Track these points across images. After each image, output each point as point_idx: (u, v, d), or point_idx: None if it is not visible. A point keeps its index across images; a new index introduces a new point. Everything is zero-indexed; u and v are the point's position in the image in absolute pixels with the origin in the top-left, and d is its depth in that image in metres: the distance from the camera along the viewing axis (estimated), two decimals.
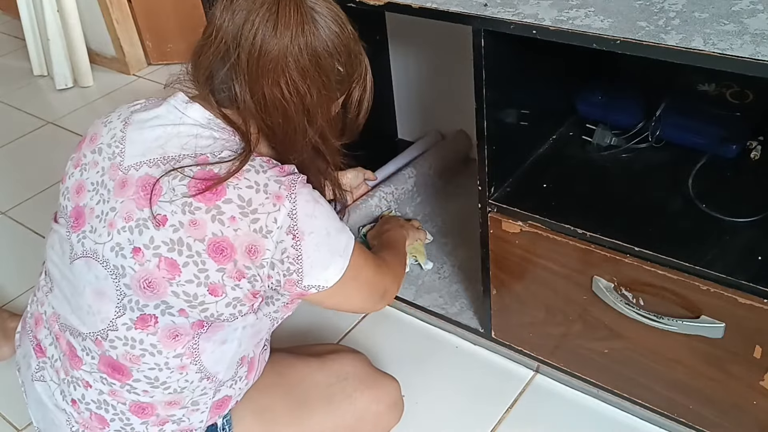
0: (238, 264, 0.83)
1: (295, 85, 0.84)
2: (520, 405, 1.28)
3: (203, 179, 0.82)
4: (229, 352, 0.93)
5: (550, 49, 0.96)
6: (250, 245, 0.83)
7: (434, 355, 1.39)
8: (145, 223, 0.83)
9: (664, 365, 1.08)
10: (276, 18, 0.82)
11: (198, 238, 0.82)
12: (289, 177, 0.87)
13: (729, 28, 0.84)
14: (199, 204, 0.82)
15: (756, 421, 1.03)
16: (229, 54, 0.84)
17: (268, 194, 0.84)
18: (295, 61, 0.83)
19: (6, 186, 2.12)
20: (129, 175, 0.86)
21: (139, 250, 0.83)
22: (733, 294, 0.94)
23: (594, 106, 1.26)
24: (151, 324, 0.86)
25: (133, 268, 0.84)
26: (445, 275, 1.46)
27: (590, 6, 0.94)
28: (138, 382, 0.90)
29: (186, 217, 0.82)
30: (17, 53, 2.98)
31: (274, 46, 0.82)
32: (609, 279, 1.06)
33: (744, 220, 1.03)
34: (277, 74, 0.83)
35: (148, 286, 0.84)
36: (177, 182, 0.83)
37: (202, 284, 0.83)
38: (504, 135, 1.11)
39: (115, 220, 0.85)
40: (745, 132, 1.15)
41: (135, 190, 0.84)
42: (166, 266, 0.83)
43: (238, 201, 0.83)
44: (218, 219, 0.82)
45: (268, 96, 0.84)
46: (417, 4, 1.02)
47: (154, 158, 0.85)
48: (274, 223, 0.84)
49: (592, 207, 1.10)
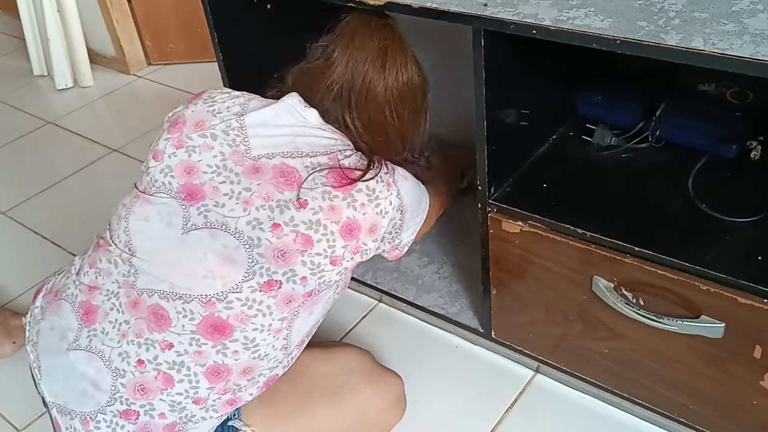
0: (360, 241, 1.01)
1: (396, 110, 1.07)
2: (520, 405, 1.28)
3: (342, 173, 0.99)
4: (311, 322, 1.07)
5: (550, 48, 0.96)
6: (372, 225, 1.01)
7: (434, 355, 1.39)
8: (286, 204, 0.97)
9: (664, 365, 1.08)
10: (384, 60, 1.05)
11: (334, 221, 0.98)
12: (389, 166, 1.06)
13: (729, 28, 0.84)
14: (337, 193, 0.98)
15: (756, 421, 1.03)
16: (341, 92, 1.05)
17: (383, 182, 1.03)
18: (398, 93, 1.07)
19: (6, 186, 2.12)
20: (261, 162, 0.99)
21: (279, 225, 0.97)
22: (733, 294, 0.94)
23: (594, 106, 1.26)
24: (275, 288, 0.98)
25: (270, 240, 0.97)
26: (445, 275, 1.46)
27: (590, 6, 0.94)
28: (234, 342, 0.98)
29: (326, 202, 0.97)
30: (17, 53, 2.98)
31: (381, 83, 1.05)
32: (609, 279, 1.06)
33: (744, 220, 1.03)
34: (383, 103, 1.06)
35: (282, 256, 0.97)
36: (317, 173, 0.99)
37: (327, 257, 0.99)
38: (504, 135, 1.11)
39: (251, 199, 0.98)
40: (745, 132, 1.15)
41: (273, 175, 0.98)
42: (301, 240, 0.97)
43: (366, 190, 1.00)
44: (352, 205, 0.99)
45: (374, 120, 1.06)
46: (417, 4, 1.02)
47: (288, 151, 1.00)
48: (389, 205, 1.03)
49: (592, 207, 1.10)
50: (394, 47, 1.07)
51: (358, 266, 1.22)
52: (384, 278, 1.48)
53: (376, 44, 1.05)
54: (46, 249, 1.83)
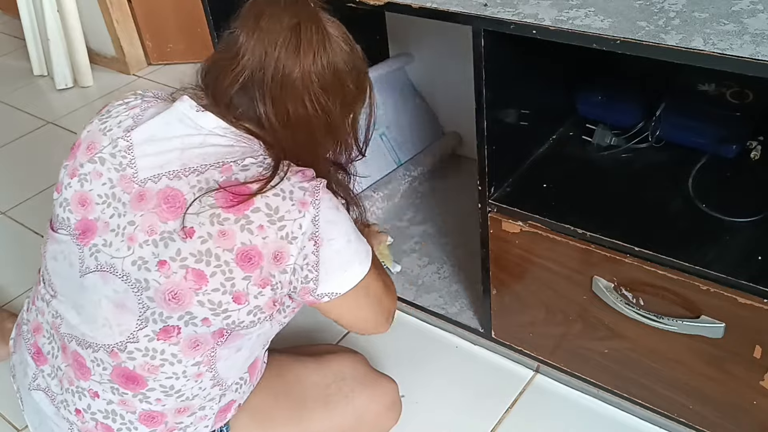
0: (264, 271, 0.85)
1: (319, 101, 0.89)
2: (520, 405, 1.28)
3: (232, 191, 0.84)
4: (241, 358, 0.95)
5: (550, 49, 0.96)
6: (276, 251, 0.85)
7: (434, 355, 1.39)
8: (170, 235, 0.84)
9: (664, 365, 1.08)
10: (298, 40, 0.87)
11: (227, 248, 0.84)
12: (312, 183, 0.89)
13: (729, 28, 0.84)
14: (228, 215, 0.83)
15: (756, 421, 1.03)
16: (252, 78, 0.87)
17: (294, 201, 0.86)
18: (318, 78, 0.88)
19: (6, 186, 2.12)
20: (147, 188, 0.86)
21: (165, 263, 0.84)
22: (733, 294, 0.94)
23: (594, 106, 1.26)
24: (173, 335, 0.87)
25: (158, 281, 0.85)
26: (445, 275, 1.46)
27: (590, 6, 0.94)
28: (152, 391, 0.91)
29: (215, 228, 0.83)
30: (17, 53, 2.98)
31: (296, 68, 0.87)
32: (609, 279, 1.06)
33: (744, 220, 1.03)
34: (301, 92, 0.88)
35: (174, 298, 0.85)
36: (204, 194, 0.84)
37: (227, 292, 0.85)
38: (504, 135, 1.11)
39: (135, 234, 0.85)
40: (745, 132, 1.15)
41: (156, 203, 0.85)
42: (193, 277, 0.84)
43: (266, 209, 0.85)
44: (247, 228, 0.84)
45: (292, 113, 0.89)
46: (417, 4, 1.02)
47: (174, 170, 0.86)
48: (299, 229, 0.86)
49: (592, 207, 1.10)
50: (309, 25, 0.88)
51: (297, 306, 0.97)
52: None
53: (286, 23, 0.87)
54: None
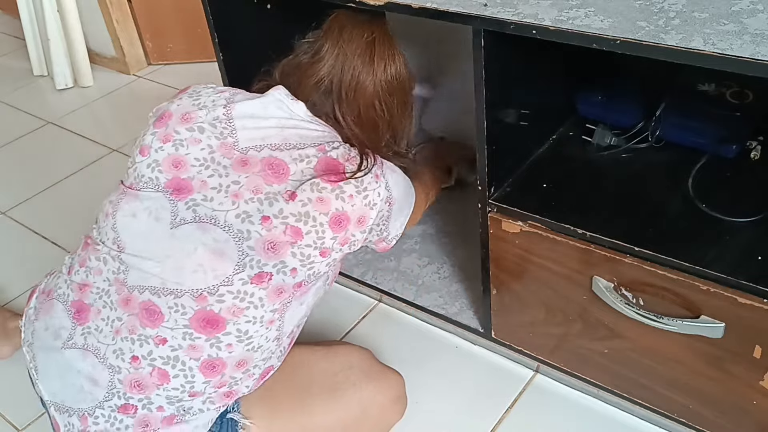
0: (348, 232, 1.01)
1: (386, 104, 1.08)
2: (520, 405, 1.28)
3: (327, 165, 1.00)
4: (299, 314, 1.07)
5: (550, 49, 0.96)
6: (361, 216, 1.01)
7: (434, 355, 1.39)
8: (275, 196, 0.97)
9: (664, 365, 1.09)
10: (372, 53, 1.05)
11: (323, 212, 0.98)
12: (378, 159, 1.07)
13: (729, 28, 0.84)
14: (326, 185, 0.98)
15: (756, 421, 1.03)
16: (332, 81, 1.06)
17: (372, 174, 1.03)
18: (387, 86, 1.07)
19: (6, 186, 2.12)
20: (249, 155, 0.99)
21: (268, 218, 0.97)
22: (733, 294, 0.94)
23: (594, 106, 1.26)
24: (265, 280, 0.98)
25: (259, 232, 0.96)
26: (445, 275, 1.46)
27: (590, 6, 0.94)
28: (227, 335, 0.98)
29: (314, 194, 0.98)
30: (17, 53, 2.98)
31: (369, 76, 1.06)
32: (609, 279, 1.06)
33: (744, 220, 1.03)
34: (372, 97, 1.07)
35: (272, 248, 0.97)
36: (305, 165, 0.99)
37: (317, 248, 0.99)
38: (504, 135, 1.11)
39: (240, 192, 0.97)
40: (745, 132, 1.15)
41: (261, 168, 0.98)
42: (291, 232, 0.97)
43: (354, 181, 1.01)
44: (341, 197, 0.99)
45: (363, 113, 1.07)
46: (417, 4, 1.02)
47: (276, 143, 1.00)
48: (378, 197, 1.03)
49: (592, 207, 1.10)
50: (382, 39, 1.07)
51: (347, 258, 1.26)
52: (384, 278, 1.48)
53: (365, 37, 1.06)
54: (46, 249, 1.83)
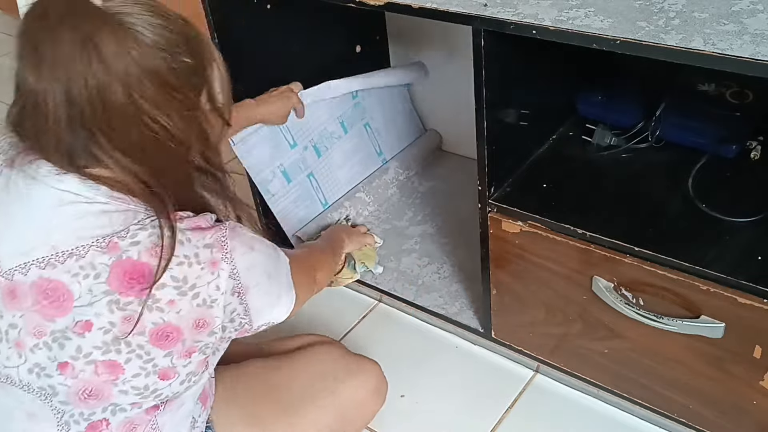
0: (188, 342, 0.77)
1: (155, 118, 0.73)
2: (520, 405, 1.28)
3: (125, 273, 0.72)
4: (187, 409, 0.87)
5: (550, 49, 0.96)
6: (197, 320, 0.76)
7: (434, 355, 1.39)
8: (64, 334, 0.73)
9: (664, 365, 1.08)
10: (99, 52, 0.69)
11: (137, 333, 0.74)
12: (216, 235, 0.77)
13: (729, 28, 0.84)
14: (129, 298, 0.72)
15: (756, 421, 1.03)
16: (69, 119, 0.71)
17: (202, 264, 0.75)
18: (141, 86, 0.71)
19: None
20: (15, 281, 0.73)
21: (66, 364, 0.74)
22: (733, 294, 0.94)
23: (594, 106, 1.26)
24: (103, 428, 0.78)
25: (65, 383, 0.75)
26: (445, 275, 1.46)
27: (590, 6, 0.94)
28: None
29: (116, 315, 0.73)
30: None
31: (114, 86, 0.70)
32: (609, 279, 1.06)
33: (744, 220, 1.03)
34: (131, 110, 0.72)
35: (90, 395, 0.76)
36: (92, 281, 0.72)
37: (150, 374, 0.77)
38: (504, 135, 1.11)
39: (22, 340, 0.74)
40: (745, 132, 1.15)
41: (34, 299, 0.73)
42: (105, 369, 0.74)
43: (173, 282, 0.74)
44: (156, 307, 0.74)
45: (135, 139, 0.73)
46: (417, 4, 1.02)
47: (44, 257, 0.73)
48: (217, 291, 0.77)
49: (592, 207, 1.10)
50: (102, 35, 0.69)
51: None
52: (384, 278, 1.48)
53: (70, 36, 0.69)
54: None
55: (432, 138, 1.81)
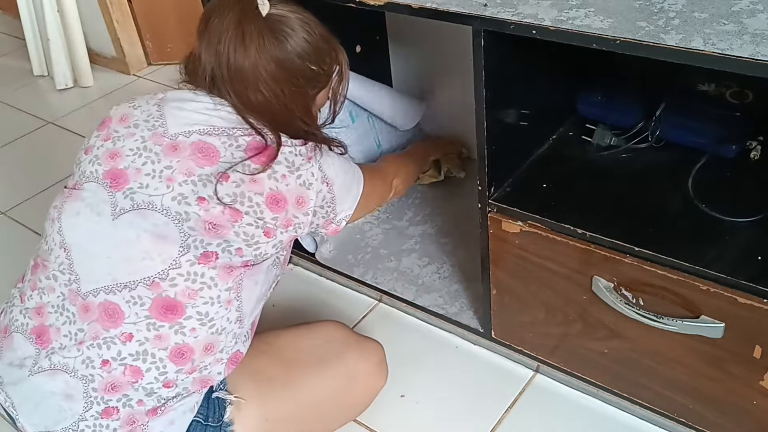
0: (289, 213, 1.03)
1: (272, 89, 1.04)
2: (520, 405, 1.28)
3: (256, 147, 1.01)
4: (256, 294, 1.07)
5: (550, 49, 0.96)
6: (298, 197, 1.04)
7: (434, 355, 1.39)
8: (208, 178, 0.98)
9: (664, 365, 1.09)
10: (242, 38, 1.00)
11: (257, 192, 1.00)
12: (311, 145, 1.08)
13: (729, 28, 0.84)
14: (257, 165, 1.00)
15: (756, 421, 1.04)
16: (214, 75, 1.04)
17: (303, 156, 1.05)
18: (265, 70, 1.02)
19: (6, 186, 2.12)
20: (178, 141, 1.01)
21: (204, 198, 0.98)
22: (733, 294, 0.94)
23: (594, 106, 1.26)
24: (212, 259, 0.98)
25: (197, 213, 0.98)
26: (445, 275, 1.46)
27: (590, 6, 0.94)
28: (189, 319, 0.99)
29: (246, 175, 0.99)
30: (17, 53, 2.98)
31: (245, 62, 1.01)
32: (609, 279, 1.06)
33: (744, 220, 1.03)
34: (255, 83, 1.03)
35: (213, 228, 0.98)
36: (234, 149, 1.01)
37: (259, 227, 1.01)
38: (504, 135, 1.11)
39: (173, 176, 0.99)
40: (745, 132, 1.15)
41: (191, 152, 1.00)
42: (229, 213, 0.98)
43: (286, 162, 1.03)
44: (273, 177, 1.01)
45: (253, 100, 1.04)
46: (417, 4, 1.02)
47: (203, 128, 1.02)
48: (312, 176, 1.05)
49: (592, 207, 1.10)
50: (250, 21, 1.01)
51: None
52: (384, 278, 1.48)
53: (230, 18, 1.01)
54: None
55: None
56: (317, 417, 1.17)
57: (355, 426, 1.27)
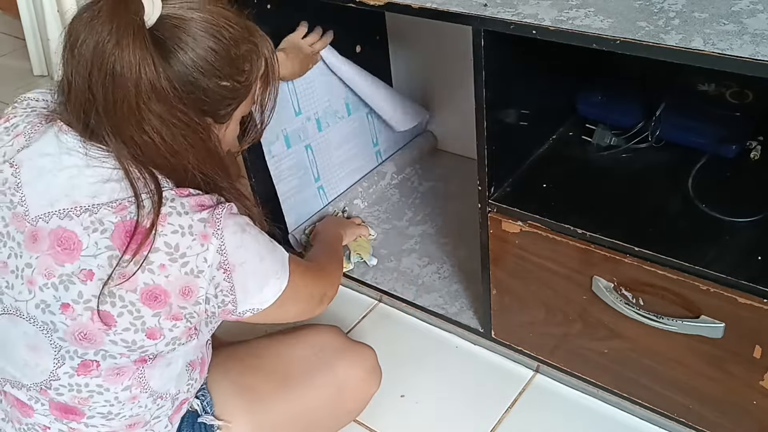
0: (174, 307, 0.83)
1: (156, 126, 0.80)
2: (520, 405, 1.28)
3: (126, 233, 0.80)
4: (176, 370, 0.93)
5: (550, 49, 0.96)
6: (183, 287, 0.82)
7: (434, 355, 1.39)
8: (69, 278, 0.81)
9: (664, 365, 1.09)
10: (120, 59, 0.76)
11: (130, 290, 0.81)
12: (213, 212, 0.84)
13: (729, 28, 0.84)
14: (126, 256, 0.80)
15: (756, 420, 1.03)
16: (87, 113, 0.80)
17: (194, 236, 0.82)
18: (149, 99, 0.78)
19: None
20: (38, 227, 0.82)
21: (68, 305, 0.82)
22: (733, 294, 0.94)
23: (594, 106, 1.26)
24: (93, 368, 0.86)
25: (64, 323, 0.82)
26: (445, 275, 1.46)
27: (590, 6, 0.94)
28: (92, 418, 0.90)
29: (115, 270, 0.80)
30: (17, 53, 2.98)
31: (123, 91, 0.77)
32: (609, 279, 1.06)
33: (744, 220, 1.03)
34: (138, 119, 0.79)
35: (85, 338, 0.83)
36: (99, 236, 0.80)
37: (139, 330, 0.83)
38: (504, 135, 1.11)
39: (34, 278, 0.82)
40: (745, 132, 1.15)
41: (50, 245, 0.81)
42: (99, 318, 0.81)
43: (165, 248, 0.81)
44: (148, 269, 0.81)
45: (139, 142, 0.81)
46: (417, 4, 1.02)
47: (65, 209, 0.81)
48: (204, 263, 0.82)
49: (592, 207, 1.10)
50: (129, 31, 0.76)
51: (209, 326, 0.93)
52: (384, 278, 1.48)
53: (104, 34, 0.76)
54: None
55: (428, 139, 1.82)
56: (309, 428, 1.14)
57: (355, 426, 1.27)
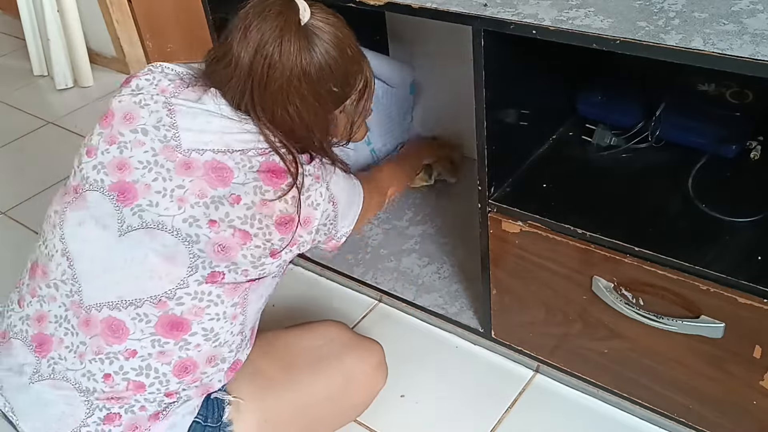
0: (296, 234, 1.02)
1: (298, 107, 1.00)
2: (520, 405, 1.28)
3: (269, 169, 0.99)
4: (258, 305, 1.08)
5: (550, 49, 0.96)
6: (305, 217, 1.02)
7: (434, 355, 1.39)
8: (220, 200, 0.96)
9: (664, 365, 1.09)
10: (280, 51, 0.96)
11: (267, 214, 0.98)
12: (317, 162, 1.06)
13: (729, 28, 0.84)
14: (268, 187, 0.98)
15: (756, 420, 1.04)
16: (244, 87, 0.99)
17: (311, 176, 1.03)
18: (295, 86, 0.98)
19: (6, 186, 2.12)
20: (192, 158, 0.97)
21: (215, 222, 0.96)
22: (733, 294, 0.94)
23: (594, 106, 1.26)
24: (219, 279, 0.99)
25: (207, 236, 0.96)
26: (445, 275, 1.46)
27: (590, 6, 0.94)
28: (194, 335, 0.99)
29: (258, 197, 0.97)
30: (17, 53, 2.98)
31: (279, 76, 0.97)
32: (609, 279, 1.06)
33: (744, 220, 1.03)
34: (284, 98, 0.99)
35: (222, 250, 0.97)
36: (247, 170, 0.98)
37: (267, 249, 1.00)
38: (504, 135, 1.11)
39: (185, 197, 0.96)
40: (745, 132, 1.15)
41: (204, 171, 0.97)
42: (239, 235, 0.97)
43: (296, 183, 1.00)
44: (283, 199, 0.99)
45: (278, 117, 1.01)
46: (417, 4, 1.02)
47: (218, 148, 0.98)
48: (320, 197, 1.04)
49: (592, 207, 1.10)
50: (289, 36, 0.96)
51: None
52: (384, 278, 1.48)
53: (271, 27, 0.96)
54: None
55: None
56: (316, 418, 1.18)
57: (355, 426, 1.27)
